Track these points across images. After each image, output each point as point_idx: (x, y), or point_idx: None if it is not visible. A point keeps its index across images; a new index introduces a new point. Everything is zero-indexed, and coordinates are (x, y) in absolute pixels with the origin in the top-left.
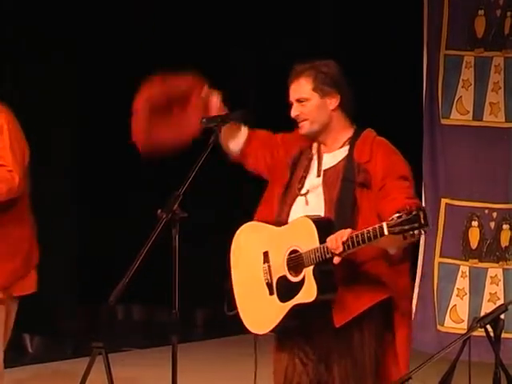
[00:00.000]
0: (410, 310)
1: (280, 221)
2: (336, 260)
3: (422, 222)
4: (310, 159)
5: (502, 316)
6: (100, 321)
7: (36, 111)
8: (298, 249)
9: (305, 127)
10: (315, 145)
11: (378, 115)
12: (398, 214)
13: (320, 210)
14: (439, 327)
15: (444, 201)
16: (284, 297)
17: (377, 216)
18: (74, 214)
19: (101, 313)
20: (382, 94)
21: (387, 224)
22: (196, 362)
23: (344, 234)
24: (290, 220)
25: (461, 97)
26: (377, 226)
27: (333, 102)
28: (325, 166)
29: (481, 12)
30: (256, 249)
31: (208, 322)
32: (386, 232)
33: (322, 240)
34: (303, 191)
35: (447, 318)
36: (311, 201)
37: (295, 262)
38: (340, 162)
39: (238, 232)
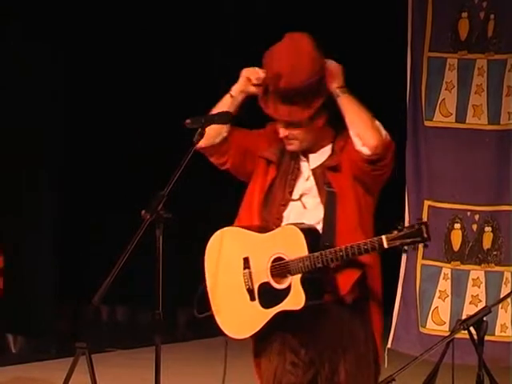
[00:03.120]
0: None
1: (269, 226)
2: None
3: (425, 236)
4: (296, 161)
5: (485, 318)
6: (84, 321)
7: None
8: (283, 256)
9: (294, 145)
10: None
11: None
12: (398, 227)
13: (319, 213)
14: (421, 329)
15: (427, 203)
16: (267, 303)
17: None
18: (56, 212)
19: (84, 313)
20: (365, 95)
21: (386, 237)
22: (179, 362)
23: None
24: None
25: (444, 99)
26: (375, 238)
27: (321, 121)
28: (312, 166)
29: (464, 14)
30: (235, 254)
31: (192, 323)
32: (385, 245)
33: (311, 249)
34: (295, 196)
35: (429, 319)
36: (309, 204)
37: (280, 269)
38: (327, 159)
39: (214, 236)
